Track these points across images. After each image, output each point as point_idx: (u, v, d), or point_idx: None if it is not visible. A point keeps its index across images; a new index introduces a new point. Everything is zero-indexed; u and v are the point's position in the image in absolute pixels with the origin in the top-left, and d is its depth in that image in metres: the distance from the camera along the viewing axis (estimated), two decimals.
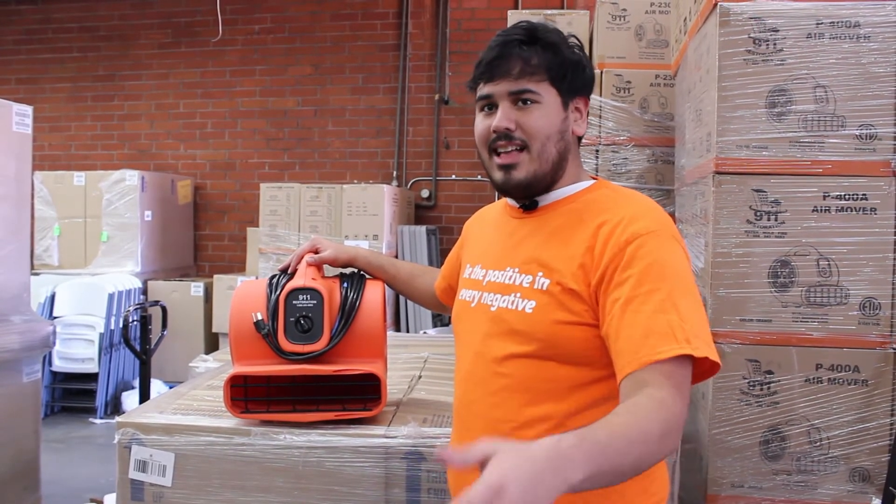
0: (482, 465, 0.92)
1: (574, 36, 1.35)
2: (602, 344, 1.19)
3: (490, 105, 1.30)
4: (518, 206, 1.36)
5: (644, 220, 1.20)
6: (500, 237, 1.38)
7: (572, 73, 1.30)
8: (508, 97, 1.28)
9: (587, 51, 3.78)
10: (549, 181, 1.30)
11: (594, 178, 1.36)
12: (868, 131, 1.99)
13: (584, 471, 0.92)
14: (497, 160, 1.30)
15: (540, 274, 1.24)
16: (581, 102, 1.34)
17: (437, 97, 6.52)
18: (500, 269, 1.32)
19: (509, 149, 1.28)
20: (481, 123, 1.32)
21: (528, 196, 1.33)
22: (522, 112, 1.27)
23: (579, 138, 1.36)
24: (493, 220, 1.46)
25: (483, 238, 1.46)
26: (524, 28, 1.30)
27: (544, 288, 1.23)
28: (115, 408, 5.51)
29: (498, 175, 1.30)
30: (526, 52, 1.27)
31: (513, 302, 1.26)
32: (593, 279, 1.19)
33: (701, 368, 1.13)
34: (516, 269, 1.29)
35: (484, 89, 1.30)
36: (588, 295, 1.19)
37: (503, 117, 1.27)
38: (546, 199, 1.33)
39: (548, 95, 1.28)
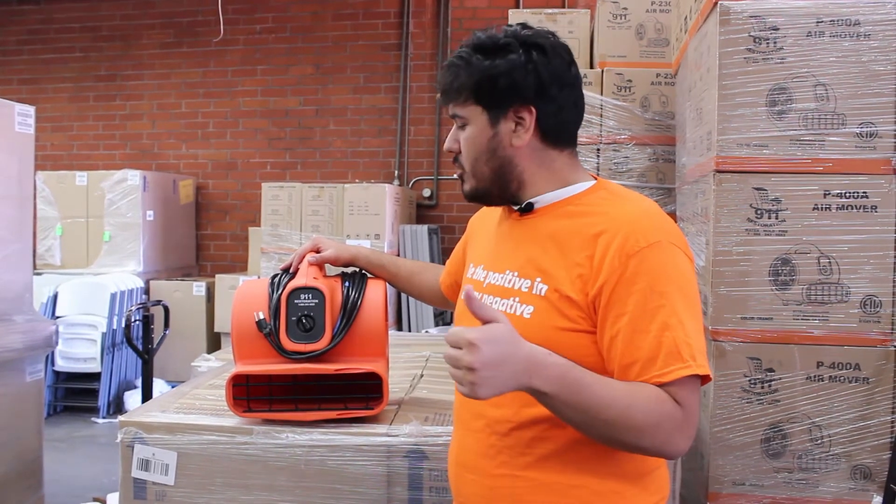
0: (484, 323, 1.07)
1: (512, 38, 1.27)
2: (599, 350, 1.20)
3: None
4: (515, 208, 1.36)
5: (645, 229, 1.18)
6: (500, 238, 1.38)
7: (491, 86, 1.26)
8: (454, 120, 1.33)
9: (588, 50, 3.80)
10: (499, 194, 1.33)
11: (594, 178, 1.34)
12: (868, 129, 1.99)
13: (549, 387, 1.08)
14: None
15: (538, 279, 1.24)
16: (523, 111, 1.26)
17: (438, 97, 6.50)
18: (499, 271, 1.32)
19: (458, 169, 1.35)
20: None
21: (486, 204, 1.40)
22: (461, 132, 1.32)
23: (558, 143, 1.30)
24: (494, 219, 1.46)
25: (485, 237, 1.46)
26: (463, 48, 1.30)
27: (542, 294, 1.22)
28: (117, 407, 5.53)
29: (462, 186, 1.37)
30: (448, 76, 1.30)
31: (511, 306, 1.26)
32: (591, 289, 1.18)
33: None
34: (515, 273, 1.28)
35: None
36: (585, 304, 1.19)
37: (449, 139, 1.35)
38: (542, 202, 1.31)
39: (474, 115, 1.29)
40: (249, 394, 1.62)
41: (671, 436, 1.12)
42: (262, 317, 1.58)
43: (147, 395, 3.67)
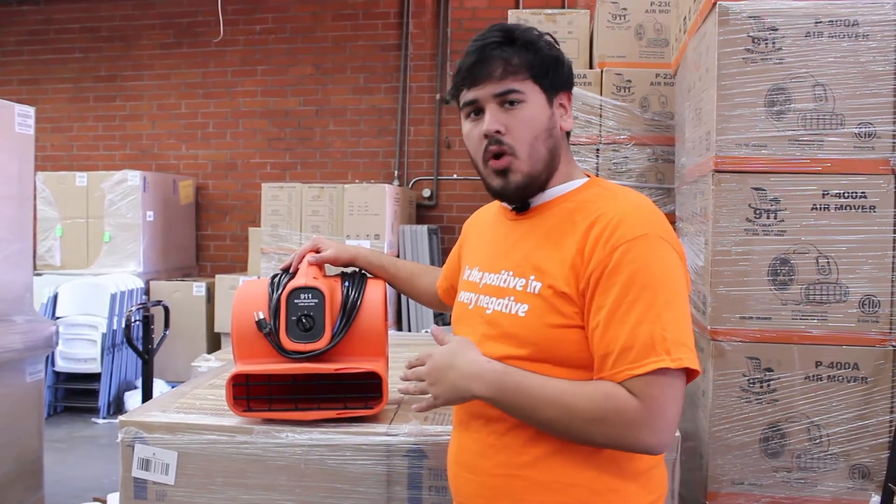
0: None
1: (549, 34, 1.34)
2: None
3: (476, 110, 1.29)
4: (511, 208, 1.36)
5: (633, 222, 1.19)
6: (496, 239, 1.39)
7: (553, 70, 1.29)
8: (494, 99, 1.26)
9: (588, 50, 3.81)
10: (543, 180, 1.30)
11: (588, 176, 1.36)
12: (867, 129, 2.00)
13: (487, 392, 1.20)
14: (492, 165, 1.28)
15: (532, 277, 1.25)
16: (564, 98, 1.33)
17: (438, 97, 6.52)
18: (494, 271, 1.33)
19: (500, 154, 1.27)
20: (472, 131, 1.30)
21: (524, 198, 1.32)
22: (509, 114, 1.26)
23: (568, 134, 1.35)
24: (489, 221, 1.47)
25: (480, 240, 1.47)
26: (500, 30, 1.29)
27: (536, 291, 1.23)
28: (117, 407, 5.53)
29: (496, 182, 1.29)
30: (506, 52, 1.26)
31: (506, 305, 1.27)
32: (581, 283, 1.19)
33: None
34: (510, 272, 1.29)
35: (468, 95, 1.28)
36: (577, 297, 1.20)
37: (492, 120, 1.26)
38: (538, 200, 1.32)
39: (532, 93, 1.27)
40: (249, 393, 1.62)
41: (626, 430, 1.13)
42: (261, 317, 1.58)
43: (147, 396, 3.67)
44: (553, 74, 1.29)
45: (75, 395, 5.70)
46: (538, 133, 1.27)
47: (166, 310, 3.92)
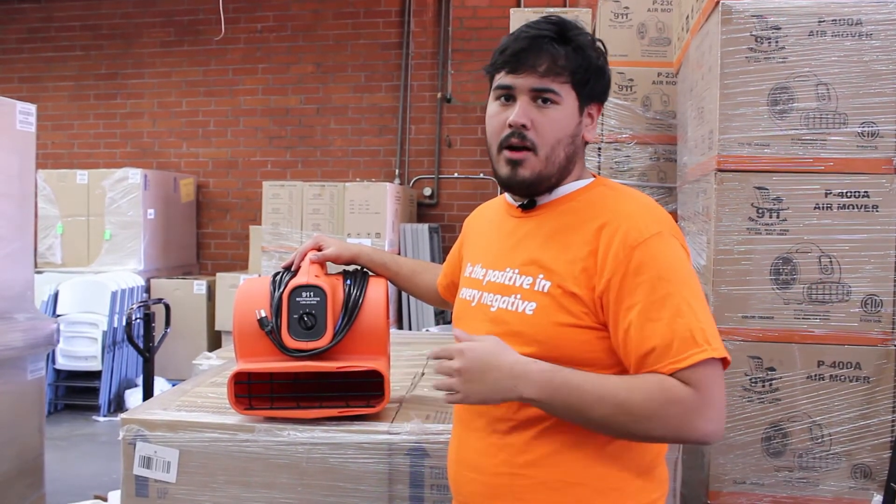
0: None
1: (600, 40, 1.33)
2: (603, 346, 1.21)
3: (508, 96, 1.28)
4: (517, 205, 1.36)
5: (646, 221, 1.20)
6: (500, 236, 1.38)
7: (594, 79, 1.29)
8: (529, 93, 1.25)
9: None
10: (553, 182, 1.29)
11: (593, 176, 1.36)
12: (870, 129, 2.00)
13: (536, 393, 1.14)
14: (505, 154, 1.27)
15: (541, 276, 1.24)
16: (595, 108, 1.32)
17: (439, 95, 6.52)
18: (499, 269, 1.33)
19: (519, 147, 1.26)
20: (497, 115, 1.29)
21: (530, 194, 1.32)
22: (540, 111, 1.25)
23: (586, 142, 1.35)
24: (492, 217, 1.46)
25: (482, 236, 1.46)
26: (555, 24, 1.28)
27: (545, 290, 1.23)
28: (118, 405, 5.53)
29: (504, 170, 1.28)
30: (556, 49, 1.25)
31: (513, 303, 1.27)
32: (598, 283, 1.19)
33: None
34: (516, 271, 1.29)
35: (505, 79, 1.27)
36: (591, 299, 1.19)
37: (521, 113, 1.25)
38: (545, 198, 1.32)
39: (567, 98, 1.26)
40: (251, 391, 1.62)
41: (685, 420, 1.12)
42: (263, 315, 1.58)
43: (148, 394, 3.67)
44: (593, 84, 1.29)
45: (76, 393, 5.71)
46: (562, 137, 1.26)
47: (167, 308, 3.92)
